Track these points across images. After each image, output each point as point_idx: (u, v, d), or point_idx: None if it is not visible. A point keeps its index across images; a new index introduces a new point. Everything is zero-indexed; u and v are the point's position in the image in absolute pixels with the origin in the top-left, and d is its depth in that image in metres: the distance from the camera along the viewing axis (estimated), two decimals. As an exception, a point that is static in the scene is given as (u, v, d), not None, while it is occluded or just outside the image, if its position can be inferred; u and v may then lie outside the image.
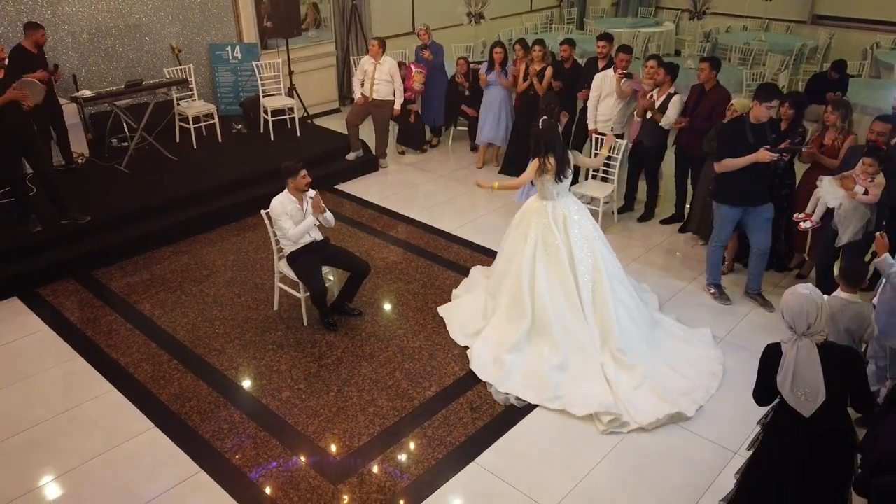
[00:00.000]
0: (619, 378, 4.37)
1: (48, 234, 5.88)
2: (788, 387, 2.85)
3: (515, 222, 4.94)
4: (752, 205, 5.12)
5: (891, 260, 3.79)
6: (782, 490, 2.99)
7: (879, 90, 8.67)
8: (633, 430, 4.13)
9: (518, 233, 4.85)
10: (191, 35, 8.36)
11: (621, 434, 4.11)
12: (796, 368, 2.82)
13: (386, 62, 7.57)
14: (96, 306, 5.43)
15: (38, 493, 3.75)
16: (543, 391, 4.34)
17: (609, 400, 4.24)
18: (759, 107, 4.84)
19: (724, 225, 5.28)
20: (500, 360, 4.54)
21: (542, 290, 4.63)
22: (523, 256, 4.72)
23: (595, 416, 4.20)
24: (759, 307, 5.37)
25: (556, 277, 4.66)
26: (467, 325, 4.99)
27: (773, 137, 4.99)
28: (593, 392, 4.30)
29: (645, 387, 4.34)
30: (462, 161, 8.38)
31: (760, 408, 3.17)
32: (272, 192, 5.02)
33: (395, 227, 6.74)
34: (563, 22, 13.50)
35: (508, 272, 4.84)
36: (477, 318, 5.00)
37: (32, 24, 6.42)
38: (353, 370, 4.69)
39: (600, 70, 6.91)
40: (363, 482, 3.80)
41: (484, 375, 4.54)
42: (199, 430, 4.16)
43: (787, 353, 2.86)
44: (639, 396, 4.27)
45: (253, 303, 5.45)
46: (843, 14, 11.42)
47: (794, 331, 2.85)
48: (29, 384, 4.57)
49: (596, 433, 4.13)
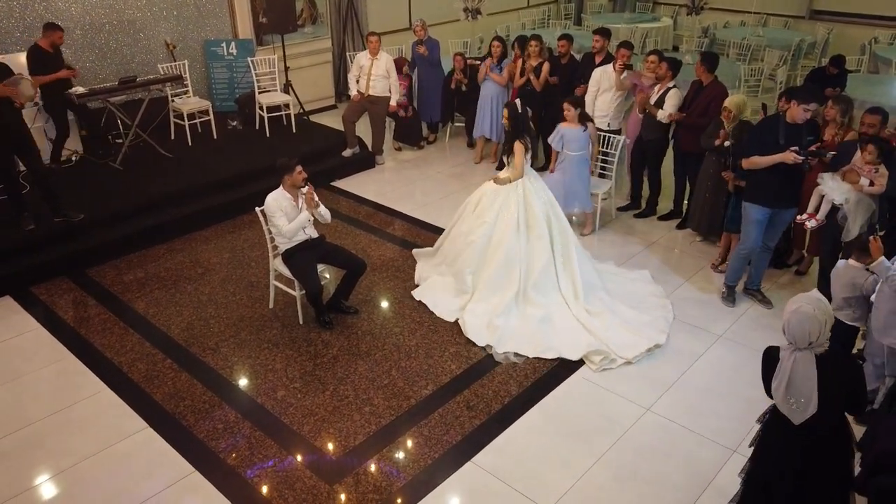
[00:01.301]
0: (594, 324, 4.91)
1: (41, 232, 5.84)
2: (781, 394, 2.82)
3: (478, 203, 5.30)
4: (782, 207, 4.98)
5: (887, 263, 3.78)
6: (783, 491, 2.95)
7: (878, 85, 8.64)
8: (621, 364, 4.63)
9: (488, 212, 5.19)
10: (185, 31, 8.30)
11: (609, 368, 4.39)
12: (791, 377, 2.78)
13: (383, 58, 7.53)
14: (90, 305, 5.39)
15: (31, 494, 3.71)
16: (538, 344, 4.77)
17: (594, 341, 4.75)
18: (797, 108, 4.64)
19: (751, 229, 5.07)
20: (493, 325, 4.90)
21: (526, 260, 5.10)
22: (507, 230, 5.09)
23: (586, 358, 4.68)
24: (758, 304, 5.34)
25: (538, 245, 5.10)
26: (451, 302, 5.24)
27: (810, 140, 4.82)
28: (579, 338, 4.80)
29: (616, 327, 4.90)
30: (459, 157, 8.34)
31: (763, 408, 3.14)
32: (267, 189, 4.98)
33: (391, 224, 6.71)
34: (561, 17, 13.45)
35: (489, 248, 5.18)
36: (456, 294, 5.27)
37: (52, 25, 6.48)
38: (348, 369, 4.65)
39: (597, 65, 6.88)
40: (359, 482, 3.77)
41: (481, 341, 4.86)
42: (194, 430, 4.12)
43: (784, 361, 2.82)
44: (614, 336, 4.81)
45: (248, 301, 5.41)
46: (841, 9, 11.38)
47: (794, 345, 2.79)
48: (22, 383, 4.54)
49: (594, 431, 4.11)
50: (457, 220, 5.51)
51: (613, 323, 4.93)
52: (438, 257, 5.62)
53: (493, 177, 5.37)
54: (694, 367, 4.68)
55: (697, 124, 5.88)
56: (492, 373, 4.61)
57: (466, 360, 4.73)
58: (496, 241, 5.14)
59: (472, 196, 5.42)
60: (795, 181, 4.92)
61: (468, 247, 5.25)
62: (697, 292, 5.52)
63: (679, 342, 4.92)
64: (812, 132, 4.90)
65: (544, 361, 4.71)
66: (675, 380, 4.55)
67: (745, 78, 9.03)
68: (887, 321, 3.80)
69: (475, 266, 5.20)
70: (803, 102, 4.62)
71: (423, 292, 5.42)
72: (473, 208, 5.35)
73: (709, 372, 4.64)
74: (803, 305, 2.75)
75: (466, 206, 5.44)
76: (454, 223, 5.53)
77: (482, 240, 5.18)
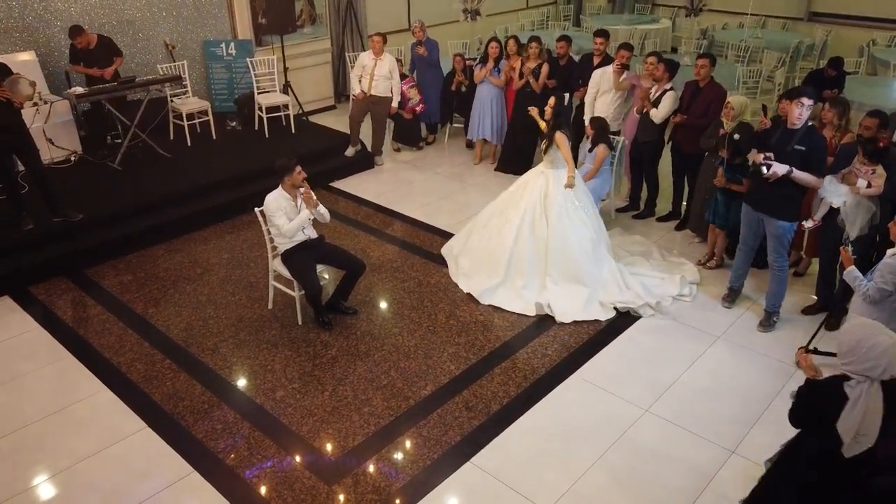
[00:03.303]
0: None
1: (40, 231, 5.83)
2: (852, 435, 2.54)
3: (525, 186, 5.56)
4: (761, 211, 4.87)
5: (856, 273, 3.85)
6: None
7: (876, 87, 8.66)
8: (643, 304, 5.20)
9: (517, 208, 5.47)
10: (185, 31, 8.29)
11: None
12: (865, 415, 2.53)
13: (386, 59, 7.50)
14: (89, 305, 5.38)
15: (29, 494, 3.71)
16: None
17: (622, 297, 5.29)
18: (790, 105, 4.59)
19: (741, 224, 5.18)
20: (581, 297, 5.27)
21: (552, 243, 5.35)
22: (522, 217, 5.38)
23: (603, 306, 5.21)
24: (756, 305, 5.35)
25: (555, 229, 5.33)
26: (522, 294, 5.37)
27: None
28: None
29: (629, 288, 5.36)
30: (458, 158, 8.34)
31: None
32: (266, 189, 4.97)
33: (390, 225, 6.71)
34: (560, 19, 13.46)
35: (502, 231, 5.47)
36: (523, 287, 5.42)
37: (73, 29, 6.79)
38: (347, 369, 4.65)
39: (596, 66, 6.89)
40: (358, 482, 3.77)
41: (590, 314, 5.21)
42: (193, 430, 4.12)
43: (856, 399, 2.54)
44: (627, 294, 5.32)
45: (247, 301, 5.41)
46: (840, 11, 11.41)
47: (868, 377, 2.53)
48: (20, 384, 4.53)
49: (593, 432, 4.12)
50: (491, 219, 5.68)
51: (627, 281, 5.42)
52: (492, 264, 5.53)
53: (565, 185, 5.34)
54: (693, 367, 4.68)
55: (697, 126, 5.89)
56: (491, 373, 4.61)
57: (465, 360, 4.73)
58: (511, 230, 5.41)
59: (506, 200, 5.67)
60: (778, 191, 4.62)
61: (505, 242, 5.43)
62: (696, 293, 5.53)
63: (678, 343, 4.93)
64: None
65: (543, 362, 4.71)
66: (673, 380, 4.56)
67: (743, 79, 9.04)
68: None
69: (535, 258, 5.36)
70: (796, 97, 4.51)
71: (490, 296, 5.39)
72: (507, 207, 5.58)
73: (707, 373, 4.64)
74: (879, 336, 2.53)
75: (502, 207, 5.66)
76: (490, 220, 5.67)
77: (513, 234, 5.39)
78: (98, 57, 7.04)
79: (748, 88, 9.03)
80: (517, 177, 7.51)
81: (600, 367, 4.69)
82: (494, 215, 5.65)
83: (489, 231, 5.60)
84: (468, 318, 5.21)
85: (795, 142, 4.55)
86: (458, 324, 5.14)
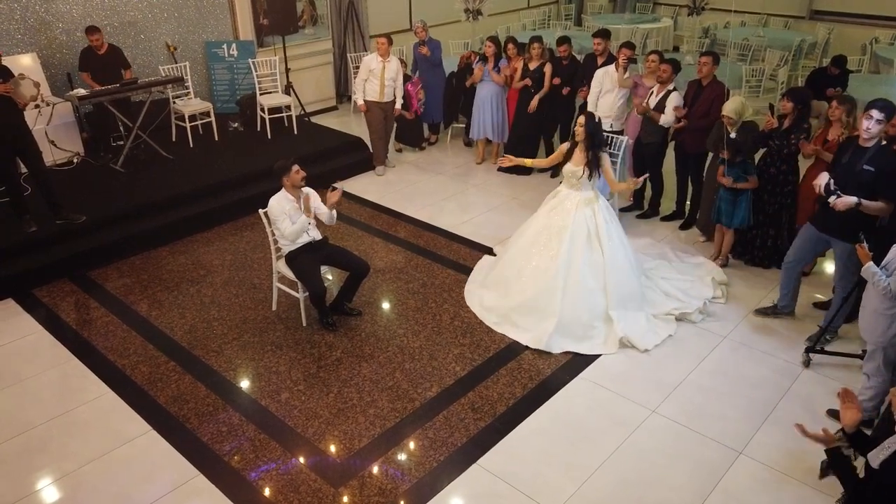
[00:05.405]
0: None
1: (43, 234, 5.82)
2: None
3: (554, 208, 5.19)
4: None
5: (874, 268, 3.81)
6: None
7: (879, 86, 8.62)
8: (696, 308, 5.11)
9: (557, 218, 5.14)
10: (186, 32, 8.28)
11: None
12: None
13: (393, 61, 7.36)
14: (92, 307, 5.37)
15: (33, 498, 3.69)
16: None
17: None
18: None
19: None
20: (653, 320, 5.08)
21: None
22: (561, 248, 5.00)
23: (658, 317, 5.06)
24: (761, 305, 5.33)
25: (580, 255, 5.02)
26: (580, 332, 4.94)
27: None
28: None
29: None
30: (460, 158, 8.32)
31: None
32: (269, 190, 4.96)
33: (393, 226, 6.69)
34: (561, 18, 13.44)
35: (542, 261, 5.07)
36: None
37: (89, 29, 6.82)
38: (352, 371, 4.63)
39: (599, 66, 6.87)
40: (364, 484, 3.75)
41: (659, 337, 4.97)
42: (198, 433, 4.10)
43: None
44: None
45: (251, 303, 5.39)
46: (842, 9, 11.39)
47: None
48: (24, 387, 4.51)
49: (599, 433, 4.10)
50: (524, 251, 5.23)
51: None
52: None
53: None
54: (699, 368, 4.66)
55: (700, 126, 5.87)
56: (496, 375, 4.59)
57: (471, 361, 4.72)
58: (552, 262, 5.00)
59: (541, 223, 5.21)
60: (849, 213, 4.20)
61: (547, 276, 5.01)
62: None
63: (684, 343, 4.91)
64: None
65: (547, 363, 4.70)
66: (680, 381, 4.54)
67: (746, 78, 9.03)
68: (871, 319, 3.87)
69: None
70: (866, 110, 4.20)
71: (556, 342, 4.86)
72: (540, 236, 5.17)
73: (714, 373, 4.62)
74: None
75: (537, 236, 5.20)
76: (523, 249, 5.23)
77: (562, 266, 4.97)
78: (107, 64, 6.98)
79: (751, 87, 9.01)
80: (518, 177, 7.59)
81: (606, 367, 4.67)
82: (534, 256, 5.13)
83: (534, 271, 5.08)
84: (473, 318, 5.19)
85: (865, 161, 4.18)
86: (463, 324, 5.12)
